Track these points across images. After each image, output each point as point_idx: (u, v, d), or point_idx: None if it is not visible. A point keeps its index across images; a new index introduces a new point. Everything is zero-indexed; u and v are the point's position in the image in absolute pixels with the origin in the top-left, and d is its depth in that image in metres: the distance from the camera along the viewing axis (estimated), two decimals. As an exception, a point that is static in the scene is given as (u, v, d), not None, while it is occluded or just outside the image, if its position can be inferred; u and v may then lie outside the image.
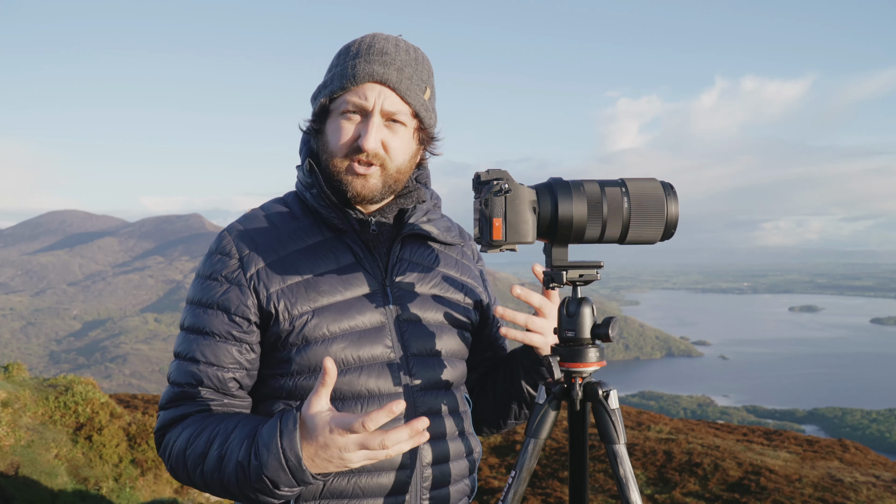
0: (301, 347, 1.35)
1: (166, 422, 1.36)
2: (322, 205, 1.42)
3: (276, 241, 1.40)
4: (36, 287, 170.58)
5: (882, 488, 7.05)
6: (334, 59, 1.42)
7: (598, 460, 7.63)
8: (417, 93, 1.40)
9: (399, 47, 1.40)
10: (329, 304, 1.36)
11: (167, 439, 1.35)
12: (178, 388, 1.36)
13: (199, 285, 1.40)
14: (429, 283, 1.48)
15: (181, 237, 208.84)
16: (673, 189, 1.33)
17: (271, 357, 1.39)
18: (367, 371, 1.36)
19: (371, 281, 1.41)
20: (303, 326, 1.34)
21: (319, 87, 1.43)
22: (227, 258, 1.38)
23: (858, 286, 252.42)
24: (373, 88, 1.36)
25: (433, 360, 1.43)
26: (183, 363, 1.36)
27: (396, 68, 1.37)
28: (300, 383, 1.36)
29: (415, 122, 1.42)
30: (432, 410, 1.42)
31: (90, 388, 6.45)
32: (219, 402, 1.36)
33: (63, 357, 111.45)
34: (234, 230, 1.42)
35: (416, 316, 1.43)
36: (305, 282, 1.37)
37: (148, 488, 5.87)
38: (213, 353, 1.35)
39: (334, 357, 1.34)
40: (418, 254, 1.50)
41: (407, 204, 1.49)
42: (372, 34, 1.41)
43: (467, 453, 1.49)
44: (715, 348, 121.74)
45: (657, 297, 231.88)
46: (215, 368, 1.35)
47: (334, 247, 1.42)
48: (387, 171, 1.39)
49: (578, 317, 1.31)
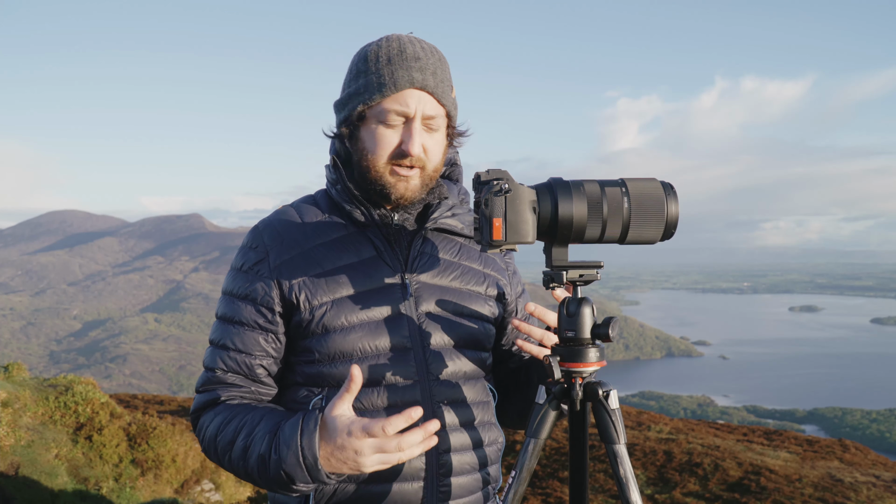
0: (321, 336, 1.42)
1: (200, 405, 1.47)
2: (345, 199, 1.48)
3: (302, 235, 1.48)
4: (36, 287, 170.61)
5: (882, 488, 7.05)
6: (361, 65, 1.44)
7: (598, 460, 7.63)
8: (448, 93, 1.45)
9: (425, 50, 1.43)
10: (348, 295, 1.43)
11: (201, 422, 1.46)
12: (211, 373, 1.47)
13: (232, 277, 1.50)
14: (449, 275, 1.51)
15: (181, 237, 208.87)
16: (673, 189, 1.33)
17: (295, 345, 1.47)
18: (383, 360, 1.42)
19: (391, 273, 1.46)
20: (322, 316, 1.41)
21: (350, 93, 1.45)
22: (255, 251, 1.48)
23: (858, 286, 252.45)
24: (412, 95, 1.40)
25: (450, 351, 1.47)
26: (216, 350, 1.47)
27: (431, 73, 1.41)
28: (321, 370, 1.43)
29: (447, 122, 1.48)
30: (449, 400, 1.46)
31: (90, 388, 6.45)
32: (247, 388, 1.46)
33: (63, 357, 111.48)
34: (263, 225, 1.51)
35: (435, 308, 1.47)
36: (326, 273, 1.44)
37: (148, 488, 5.88)
38: (241, 341, 1.45)
39: (352, 346, 1.40)
40: (440, 247, 1.53)
41: (431, 200, 1.52)
42: (395, 37, 1.44)
43: (487, 443, 1.52)
44: (715, 348, 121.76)
45: (657, 297, 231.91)
46: (244, 356, 1.45)
47: (356, 240, 1.48)
48: (426, 171, 1.45)
49: (578, 317, 1.31)
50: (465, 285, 1.52)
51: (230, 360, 1.45)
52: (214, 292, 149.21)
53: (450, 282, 1.51)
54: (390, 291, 1.45)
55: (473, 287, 1.53)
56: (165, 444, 6.23)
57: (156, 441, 6.18)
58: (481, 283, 1.55)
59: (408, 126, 1.41)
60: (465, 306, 1.50)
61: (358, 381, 1.25)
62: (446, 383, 1.46)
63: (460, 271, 1.53)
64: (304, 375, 1.45)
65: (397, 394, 1.42)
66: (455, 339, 1.48)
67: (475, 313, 1.52)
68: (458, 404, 1.47)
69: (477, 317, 1.52)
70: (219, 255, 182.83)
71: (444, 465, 1.43)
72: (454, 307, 1.49)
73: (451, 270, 1.52)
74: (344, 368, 1.42)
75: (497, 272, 1.60)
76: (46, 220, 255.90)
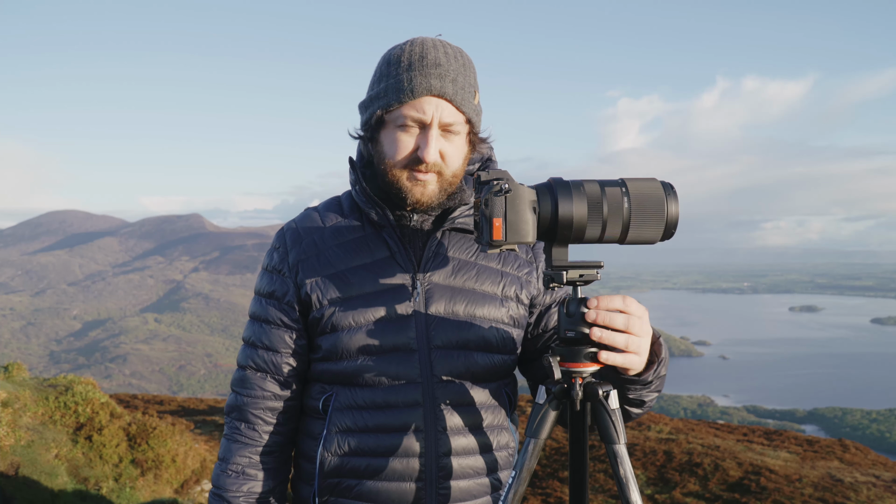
0: (329, 335, 1.46)
1: (229, 408, 1.56)
2: (362, 200, 1.50)
3: (320, 236, 1.52)
4: (36, 287, 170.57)
5: (882, 488, 7.05)
6: (384, 69, 1.44)
7: (598, 460, 7.63)
8: (469, 99, 1.44)
9: (449, 55, 1.43)
10: (357, 296, 1.46)
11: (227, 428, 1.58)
12: (243, 371, 1.54)
13: (260, 277, 1.57)
14: (463, 276, 1.51)
15: (181, 237, 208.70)
16: (673, 189, 1.33)
17: (311, 343, 1.53)
18: (388, 359, 1.44)
19: (402, 274, 1.48)
20: (331, 315, 1.45)
21: (371, 96, 1.46)
22: (278, 252, 1.54)
23: (859, 286, 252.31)
24: (430, 102, 1.40)
25: (458, 353, 1.46)
26: (247, 348, 1.55)
27: (451, 80, 1.41)
28: (329, 368, 1.48)
29: (467, 128, 1.47)
30: (454, 402, 1.46)
31: (90, 388, 6.45)
32: (270, 393, 1.52)
33: (63, 357, 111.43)
34: (288, 228, 1.56)
35: (445, 309, 1.47)
36: (338, 274, 1.48)
37: (148, 488, 5.87)
38: (269, 339, 1.51)
39: (357, 345, 1.44)
40: (457, 247, 1.53)
41: (451, 204, 1.52)
42: (420, 41, 1.44)
43: (496, 447, 1.52)
44: (715, 348, 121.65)
45: (657, 297, 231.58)
46: (272, 353, 1.51)
47: (371, 241, 1.51)
48: (443, 177, 1.45)
49: (578, 317, 1.30)
50: (480, 286, 1.51)
51: (259, 359, 1.51)
52: (214, 292, 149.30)
53: (463, 283, 1.50)
54: (400, 292, 1.46)
55: (488, 288, 1.52)
56: (165, 444, 6.23)
57: (156, 441, 6.18)
58: (497, 283, 1.53)
59: (424, 132, 1.42)
60: (477, 308, 1.49)
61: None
62: (451, 385, 1.46)
63: (476, 272, 1.52)
64: (317, 372, 1.51)
65: (398, 394, 1.43)
66: (464, 341, 1.47)
67: (488, 315, 1.50)
68: (464, 407, 1.47)
69: (490, 318, 1.50)
70: (219, 255, 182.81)
71: (443, 468, 1.44)
72: (466, 308, 1.48)
73: (465, 271, 1.51)
74: (350, 367, 1.44)
75: (518, 269, 1.57)
76: (46, 220, 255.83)
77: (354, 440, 1.44)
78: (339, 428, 1.45)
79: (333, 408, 1.46)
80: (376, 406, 1.43)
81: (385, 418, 1.43)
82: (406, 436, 1.43)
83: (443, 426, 1.44)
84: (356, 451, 1.44)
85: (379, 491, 1.43)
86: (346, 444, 1.44)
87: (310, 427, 1.53)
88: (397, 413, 1.43)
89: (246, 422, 1.52)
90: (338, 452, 1.45)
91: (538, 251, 1.61)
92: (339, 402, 1.46)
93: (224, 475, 1.51)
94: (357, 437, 1.44)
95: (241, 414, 1.52)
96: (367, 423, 1.43)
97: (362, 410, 1.44)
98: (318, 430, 1.49)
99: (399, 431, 1.43)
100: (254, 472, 1.51)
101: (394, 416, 1.43)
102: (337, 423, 1.45)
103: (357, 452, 1.44)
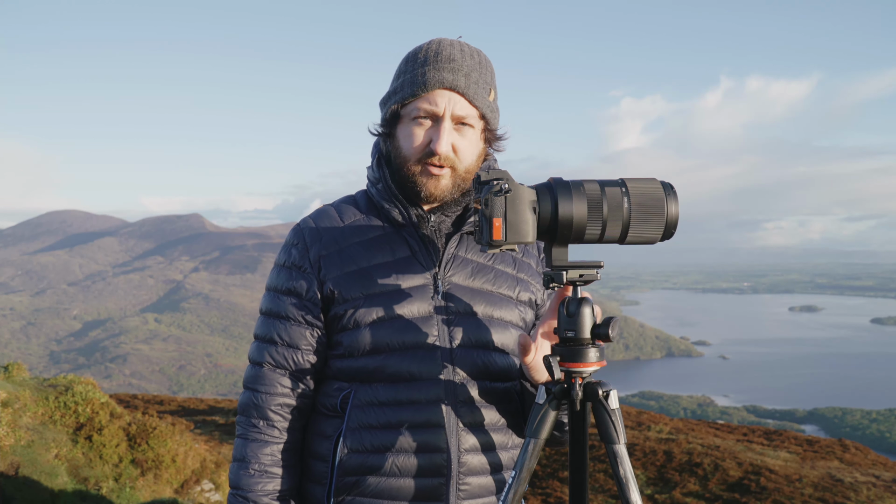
0: (352, 331, 1.47)
1: (243, 407, 1.54)
2: (385, 198, 1.52)
3: (340, 233, 1.53)
4: (36, 287, 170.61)
5: (882, 488, 7.06)
6: (402, 66, 1.49)
7: (598, 460, 7.63)
8: (483, 95, 1.47)
9: (464, 52, 1.47)
10: (380, 293, 1.47)
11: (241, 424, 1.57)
12: (258, 368, 1.53)
13: (276, 273, 1.56)
14: (481, 278, 1.54)
15: (181, 237, 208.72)
16: (673, 189, 1.33)
17: (329, 339, 1.53)
18: (410, 356, 1.46)
19: (423, 273, 1.50)
20: (354, 312, 1.46)
21: (389, 93, 1.51)
22: (297, 248, 1.53)
23: (859, 286, 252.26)
24: (443, 94, 1.44)
25: (478, 352, 1.49)
26: (262, 344, 1.53)
27: (464, 74, 1.45)
28: (350, 365, 1.48)
29: (482, 124, 1.50)
30: (474, 400, 1.48)
31: (90, 388, 6.45)
32: (288, 390, 1.51)
33: (63, 357, 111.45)
34: (304, 224, 1.56)
35: (465, 309, 1.50)
36: (361, 271, 1.49)
37: (148, 488, 5.87)
38: (288, 336, 1.51)
39: (380, 342, 1.45)
40: (474, 250, 1.56)
41: (466, 202, 1.55)
42: (437, 40, 1.49)
43: (509, 446, 1.55)
44: (715, 348, 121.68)
45: (657, 297, 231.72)
46: (291, 350, 1.51)
47: (392, 240, 1.52)
48: (457, 171, 1.48)
49: (578, 317, 1.30)
50: (498, 289, 1.55)
51: (277, 355, 1.51)
52: (215, 292, 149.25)
53: (482, 285, 1.54)
54: (422, 291, 1.49)
55: (505, 291, 1.56)
56: (165, 445, 6.23)
57: (156, 441, 6.18)
58: (513, 287, 1.57)
59: (437, 125, 1.45)
60: (495, 309, 1.53)
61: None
62: (471, 383, 1.48)
63: (493, 275, 1.56)
64: (335, 369, 1.51)
65: (421, 391, 1.45)
66: (483, 341, 1.50)
67: (505, 317, 1.54)
68: (483, 405, 1.50)
69: (507, 320, 1.54)
70: (219, 255, 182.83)
71: (464, 464, 1.46)
72: (484, 309, 1.52)
73: (483, 274, 1.55)
74: (371, 364, 1.46)
75: (530, 276, 1.62)
76: (46, 220, 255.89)
77: (375, 437, 1.45)
78: (359, 425, 1.45)
79: (352, 405, 1.46)
80: (399, 402, 1.45)
81: (408, 414, 1.45)
82: (428, 432, 1.45)
83: (464, 423, 1.47)
84: (377, 448, 1.44)
85: (400, 487, 1.44)
86: (367, 441, 1.45)
87: (321, 426, 1.53)
88: (420, 409, 1.45)
89: (265, 419, 1.50)
90: (357, 450, 1.45)
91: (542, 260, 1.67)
92: (358, 399, 1.46)
93: (245, 475, 1.49)
94: (378, 433, 1.45)
95: (260, 411, 1.51)
96: (389, 420, 1.45)
97: (384, 407, 1.45)
98: (331, 428, 1.50)
99: (422, 427, 1.45)
100: (277, 470, 1.50)
101: (416, 413, 1.45)
102: (357, 420, 1.45)
103: (378, 449, 1.44)
